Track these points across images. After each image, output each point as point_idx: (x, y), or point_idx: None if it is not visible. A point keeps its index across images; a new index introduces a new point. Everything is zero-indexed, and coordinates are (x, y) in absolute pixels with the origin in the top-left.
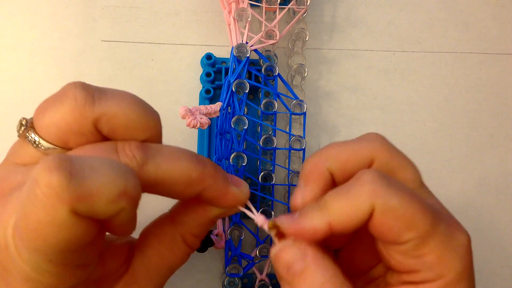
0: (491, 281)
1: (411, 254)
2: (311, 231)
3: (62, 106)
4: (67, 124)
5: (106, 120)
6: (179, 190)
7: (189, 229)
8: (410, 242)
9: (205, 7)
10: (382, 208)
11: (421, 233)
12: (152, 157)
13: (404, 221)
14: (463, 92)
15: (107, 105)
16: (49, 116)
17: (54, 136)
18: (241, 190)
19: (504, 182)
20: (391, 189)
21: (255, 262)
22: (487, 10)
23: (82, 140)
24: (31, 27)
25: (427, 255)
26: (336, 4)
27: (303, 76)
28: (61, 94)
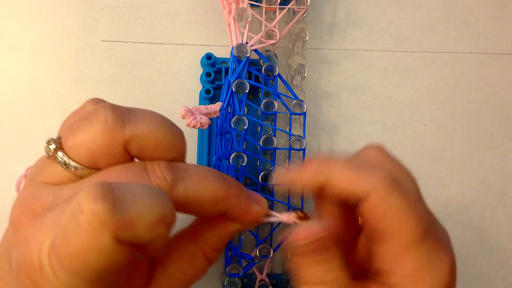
0: (491, 281)
1: (389, 256)
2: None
3: (93, 128)
4: (97, 146)
5: (136, 142)
6: (206, 209)
7: (210, 244)
8: (391, 244)
9: (205, 7)
10: (381, 200)
11: (404, 242)
12: (181, 178)
13: (395, 221)
14: (463, 92)
15: (137, 127)
16: (80, 138)
17: (84, 157)
18: (262, 206)
19: (504, 182)
20: (397, 189)
21: (255, 262)
22: (487, 10)
23: (112, 161)
24: (31, 27)
25: (403, 264)
26: (336, 4)
27: (303, 76)
28: (91, 115)
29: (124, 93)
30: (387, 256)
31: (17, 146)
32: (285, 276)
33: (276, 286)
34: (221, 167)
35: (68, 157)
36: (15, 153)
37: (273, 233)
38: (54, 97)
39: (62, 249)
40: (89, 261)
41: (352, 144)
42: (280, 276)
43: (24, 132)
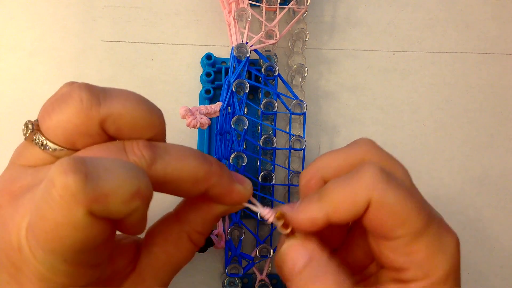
0: (491, 281)
1: (402, 251)
2: (309, 221)
3: (68, 108)
4: (74, 126)
5: (112, 121)
6: (186, 188)
7: (195, 226)
8: (401, 239)
9: (205, 7)
10: (379, 203)
11: (413, 231)
12: (160, 156)
13: (398, 217)
14: (463, 92)
15: (112, 106)
16: (55, 118)
17: (61, 137)
18: (244, 187)
19: (504, 182)
20: (389, 185)
21: (255, 262)
22: (487, 10)
23: (89, 141)
24: (31, 27)
25: (416, 253)
26: (336, 4)
27: (303, 76)
28: (65, 95)
29: None
30: (398, 251)
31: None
32: None
33: (276, 286)
34: None
35: (46, 138)
36: None
37: (273, 233)
38: None
39: (37, 226)
40: (64, 236)
41: None
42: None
43: None
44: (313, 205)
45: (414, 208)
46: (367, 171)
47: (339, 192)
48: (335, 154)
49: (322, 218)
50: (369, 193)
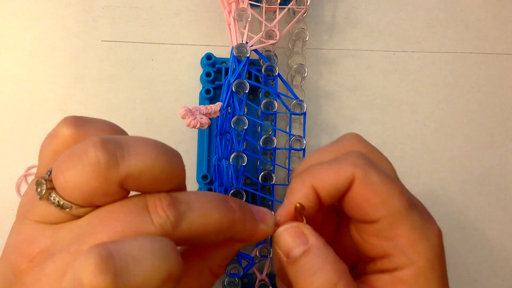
0: (491, 281)
1: (384, 234)
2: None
3: (84, 170)
4: (91, 188)
5: (132, 179)
6: (210, 239)
7: (217, 261)
8: (384, 220)
9: (205, 7)
10: (362, 179)
11: (395, 212)
12: (184, 215)
13: (380, 196)
14: (463, 92)
15: (131, 164)
16: (71, 180)
17: (79, 198)
18: (267, 224)
19: (504, 182)
20: (372, 166)
21: (255, 262)
22: (487, 10)
23: (108, 200)
24: (31, 27)
25: (399, 238)
26: (336, 4)
27: (303, 76)
28: (81, 154)
29: (124, 93)
30: (381, 235)
31: (17, 146)
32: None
33: (276, 286)
34: (221, 167)
35: (61, 198)
36: (15, 153)
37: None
38: (54, 97)
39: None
40: None
41: None
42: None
43: (24, 132)
44: (300, 180)
45: (396, 190)
46: (351, 153)
47: (324, 168)
48: (323, 149)
49: (310, 192)
50: (353, 169)
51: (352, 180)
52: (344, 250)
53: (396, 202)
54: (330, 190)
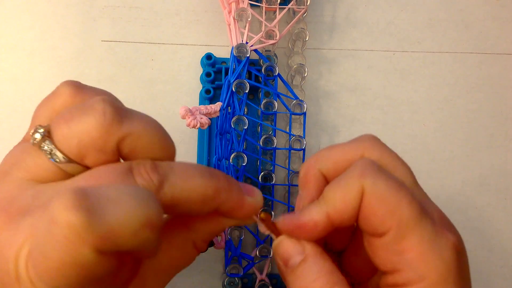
0: (491, 281)
1: (393, 248)
2: (311, 224)
3: (89, 119)
4: (90, 139)
5: (131, 140)
6: (196, 208)
7: (202, 236)
8: (391, 233)
9: (205, 7)
10: (370, 189)
11: (403, 223)
12: (166, 178)
13: (387, 206)
14: (463, 92)
15: (133, 125)
16: (74, 128)
17: (74, 149)
18: (255, 198)
19: (504, 182)
20: (380, 174)
21: (255, 262)
22: (487, 10)
23: (101, 158)
24: (31, 27)
25: (408, 252)
26: (336, 4)
27: (303, 76)
28: (88, 106)
29: (124, 93)
30: (390, 249)
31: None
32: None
33: (276, 286)
34: (221, 167)
35: (55, 147)
36: None
37: None
38: None
39: (40, 264)
40: (69, 275)
41: None
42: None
43: (24, 132)
44: (313, 208)
45: (404, 198)
46: (358, 163)
47: (335, 189)
48: (335, 147)
49: (323, 220)
50: (360, 182)
51: (362, 192)
52: (359, 260)
53: (405, 212)
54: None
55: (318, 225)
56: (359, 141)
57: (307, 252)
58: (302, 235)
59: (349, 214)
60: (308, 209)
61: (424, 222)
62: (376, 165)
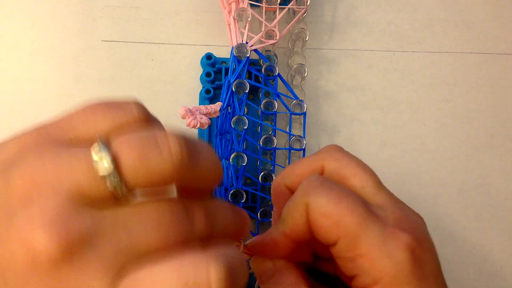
0: (491, 281)
1: (346, 256)
2: (272, 243)
3: (164, 160)
4: (161, 179)
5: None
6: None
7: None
8: (340, 242)
9: (205, 7)
10: (312, 206)
11: (349, 232)
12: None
13: (331, 219)
14: (463, 92)
15: (202, 165)
16: (147, 164)
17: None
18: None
19: (504, 182)
20: (321, 189)
21: None
22: (487, 10)
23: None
24: (31, 27)
25: (359, 258)
26: (336, 4)
27: (303, 76)
28: (163, 144)
29: (124, 93)
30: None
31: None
32: None
33: None
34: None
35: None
36: None
37: None
38: (54, 97)
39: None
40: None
41: (352, 144)
42: None
43: None
44: (274, 228)
45: (346, 209)
46: (304, 182)
47: (287, 209)
48: (298, 162)
49: (281, 238)
50: (304, 200)
51: (307, 209)
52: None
53: (348, 222)
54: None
55: (279, 244)
56: (320, 153)
57: (275, 268)
58: (268, 253)
59: (302, 230)
60: (270, 230)
61: (370, 227)
62: (320, 180)
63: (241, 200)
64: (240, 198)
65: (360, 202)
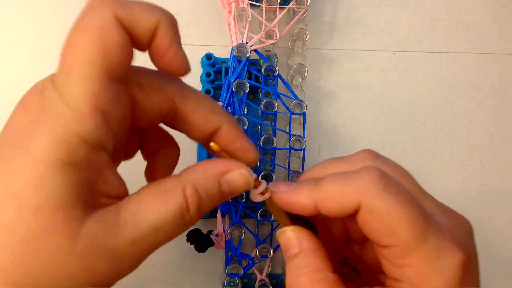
0: (491, 281)
1: (394, 261)
2: (299, 205)
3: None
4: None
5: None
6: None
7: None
8: (392, 249)
9: (205, 7)
10: (367, 209)
11: (403, 243)
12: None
13: (386, 227)
14: (463, 92)
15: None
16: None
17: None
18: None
19: (504, 182)
20: (384, 192)
21: (255, 262)
22: (487, 10)
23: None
24: (31, 27)
25: (408, 268)
26: (336, 4)
27: (303, 76)
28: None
29: None
30: (391, 261)
31: None
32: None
33: (276, 286)
34: None
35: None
36: None
37: (273, 233)
38: None
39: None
40: (96, 61)
41: (352, 144)
42: (280, 276)
43: None
44: (305, 190)
45: (406, 220)
46: (365, 173)
47: (333, 186)
48: (335, 160)
49: (310, 205)
50: (359, 197)
51: (358, 207)
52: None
53: (405, 233)
54: (333, 212)
55: (305, 208)
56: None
57: (302, 247)
58: (291, 210)
59: (337, 214)
60: (301, 189)
61: (427, 242)
62: (383, 178)
63: (241, 200)
64: (240, 198)
65: (421, 213)
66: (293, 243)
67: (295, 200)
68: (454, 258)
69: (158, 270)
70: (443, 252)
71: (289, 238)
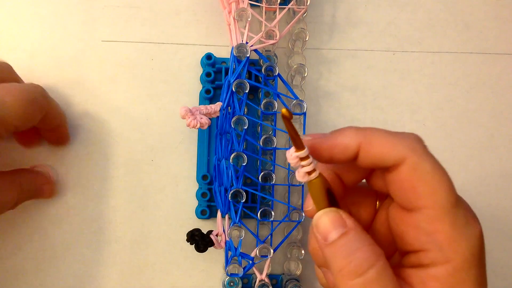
0: (491, 281)
1: (423, 227)
2: (341, 146)
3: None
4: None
5: None
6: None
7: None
8: (425, 211)
9: (205, 7)
10: (413, 165)
11: (440, 205)
12: None
13: (429, 186)
14: (463, 92)
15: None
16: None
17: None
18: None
19: (504, 182)
20: (427, 154)
21: (255, 262)
22: (487, 10)
23: None
24: (31, 27)
25: (438, 233)
26: (336, 4)
27: (303, 76)
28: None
29: (124, 93)
30: (421, 228)
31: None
32: (285, 276)
33: (276, 286)
34: (221, 167)
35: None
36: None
37: (273, 233)
38: (54, 97)
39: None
40: None
41: None
42: (280, 276)
43: None
44: (350, 132)
45: (446, 182)
46: (412, 134)
47: (381, 133)
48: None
49: (353, 148)
50: (406, 152)
51: (401, 162)
52: (380, 241)
53: (444, 196)
54: (374, 157)
55: (348, 151)
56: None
57: (349, 226)
58: (331, 154)
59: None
60: (343, 132)
61: (458, 208)
62: (424, 147)
63: (241, 200)
64: (240, 198)
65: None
66: (339, 223)
67: (338, 142)
68: (477, 229)
69: (158, 270)
70: (469, 221)
71: (334, 219)
